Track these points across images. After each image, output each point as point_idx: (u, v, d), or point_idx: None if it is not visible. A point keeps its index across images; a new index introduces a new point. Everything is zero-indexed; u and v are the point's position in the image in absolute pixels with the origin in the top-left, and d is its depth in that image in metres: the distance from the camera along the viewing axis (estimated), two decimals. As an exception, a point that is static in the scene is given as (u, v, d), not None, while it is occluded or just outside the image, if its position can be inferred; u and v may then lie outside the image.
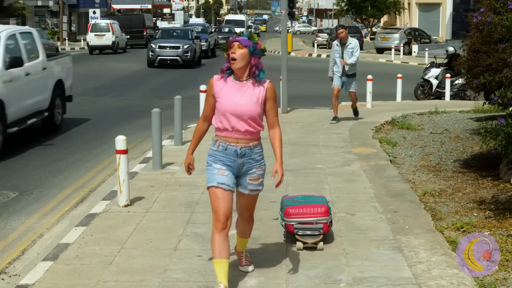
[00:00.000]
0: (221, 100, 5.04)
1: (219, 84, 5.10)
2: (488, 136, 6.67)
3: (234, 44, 5.02)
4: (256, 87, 5.06)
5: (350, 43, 13.38)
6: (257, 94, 5.04)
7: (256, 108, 5.03)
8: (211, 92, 5.11)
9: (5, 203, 8.38)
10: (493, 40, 9.21)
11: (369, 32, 59.21)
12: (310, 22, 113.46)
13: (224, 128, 5.05)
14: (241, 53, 5.00)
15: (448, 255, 5.98)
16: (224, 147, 5.07)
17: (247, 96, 5.03)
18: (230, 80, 5.09)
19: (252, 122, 5.04)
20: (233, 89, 5.05)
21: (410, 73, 24.49)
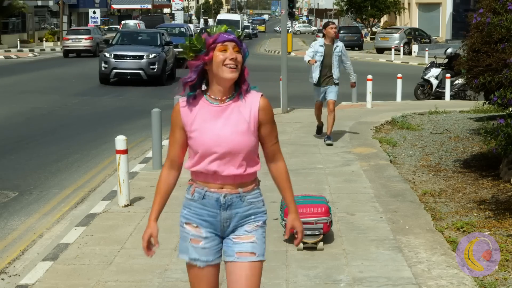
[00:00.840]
0: (196, 135, 3.42)
1: (189, 110, 3.44)
2: (488, 136, 6.67)
3: (227, 45, 3.37)
4: (243, 107, 3.42)
5: (337, 46, 11.15)
6: (247, 118, 3.41)
7: (248, 139, 3.42)
8: (179, 124, 3.47)
9: (5, 203, 8.39)
10: (493, 40, 9.21)
11: (369, 32, 59.22)
12: (310, 22, 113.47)
13: (202, 172, 3.47)
14: (240, 59, 3.41)
15: (448, 255, 5.98)
16: (201, 194, 3.48)
17: (233, 123, 3.40)
18: (204, 102, 3.44)
19: (244, 160, 3.43)
20: (211, 115, 3.42)
21: (410, 73, 24.49)
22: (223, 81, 3.37)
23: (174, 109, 3.48)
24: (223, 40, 3.35)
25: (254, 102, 3.43)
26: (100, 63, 22.84)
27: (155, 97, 19.33)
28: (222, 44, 3.35)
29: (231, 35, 3.38)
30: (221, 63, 3.33)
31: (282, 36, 16.67)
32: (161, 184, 3.60)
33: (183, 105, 3.45)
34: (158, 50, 23.38)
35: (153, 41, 24.69)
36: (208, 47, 3.36)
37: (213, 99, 3.42)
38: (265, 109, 3.45)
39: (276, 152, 3.59)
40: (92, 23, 51.53)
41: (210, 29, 3.41)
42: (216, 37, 3.36)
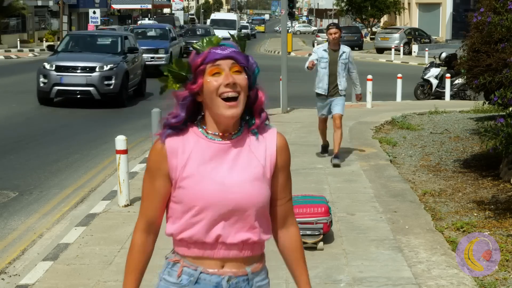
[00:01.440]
0: (189, 183, 2.39)
1: (179, 148, 2.42)
2: (488, 136, 6.67)
3: (221, 65, 2.36)
4: (255, 144, 2.46)
5: (344, 51, 9.71)
6: (261, 160, 2.45)
7: (264, 189, 2.45)
8: (163, 169, 2.42)
9: (5, 203, 8.38)
10: (493, 40, 9.21)
11: (369, 32, 59.21)
12: (310, 22, 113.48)
13: (196, 241, 2.43)
14: (244, 83, 2.39)
15: (448, 255, 5.98)
16: (194, 276, 2.45)
17: (243, 166, 2.42)
18: (199, 136, 2.43)
19: (257, 221, 2.46)
20: (211, 154, 2.42)
21: (410, 73, 24.49)
22: (222, 119, 2.36)
23: (154, 148, 2.41)
24: (213, 58, 2.32)
25: (270, 139, 2.46)
26: (38, 77, 16.69)
27: (155, 98, 19.34)
28: (213, 64, 2.32)
29: (226, 49, 2.35)
30: (214, 92, 2.32)
31: (282, 36, 16.68)
32: (135, 255, 2.51)
33: (169, 141, 2.38)
34: (116, 60, 17.27)
35: (112, 47, 18.33)
36: (195, 71, 2.35)
37: (212, 135, 2.41)
38: (284, 151, 2.49)
39: (289, 213, 2.60)
40: (92, 23, 51.53)
41: (200, 42, 2.39)
42: (204, 55, 2.33)
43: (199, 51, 2.39)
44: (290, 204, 2.60)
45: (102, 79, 16.60)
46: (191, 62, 2.38)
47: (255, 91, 2.44)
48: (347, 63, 9.72)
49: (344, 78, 9.71)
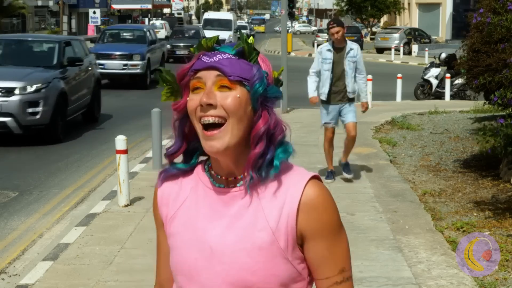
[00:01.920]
0: (174, 244, 1.81)
1: (172, 194, 1.84)
2: (486, 138, 6.67)
3: (202, 78, 1.70)
4: (269, 198, 1.71)
5: (351, 49, 8.48)
6: (272, 222, 1.69)
7: (270, 265, 1.68)
8: (158, 219, 1.91)
9: (5, 203, 8.39)
10: (493, 40, 9.22)
11: (369, 32, 59.22)
12: (310, 22, 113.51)
13: None
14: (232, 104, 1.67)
15: (448, 255, 5.98)
16: None
17: (244, 227, 1.71)
18: (201, 181, 1.80)
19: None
20: (207, 206, 1.77)
21: (410, 73, 24.50)
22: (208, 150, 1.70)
23: (154, 194, 1.87)
24: (195, 68, 1.70)
25: (293, 192, 1.69)
26: None
27: (155, 97, 19.34)
28: (194, 76, 1.70)
29: (216, 55, 1.69)
30: (193, 115, 1.69)
31: (282, 36, 16.69)
32: None
33: (163, 184, 1.84)
34: (47, 77, 12.26)
35: (44, 58, 13.27)
36: (180, 83, 1.75)
37: (215, 176, 1.77)
38: (315, 210, 1.69)
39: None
40: (92, 23, 51.59)
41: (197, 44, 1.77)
42: (191, 63, 1.74)
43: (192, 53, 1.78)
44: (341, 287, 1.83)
45: (23, 105, 11.55)
46: (176, 71, 1.76)
47: (257, 115, 1.68)
48: (356, 61, 8.47)
49: (353, 79, 8.46)
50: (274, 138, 1.71)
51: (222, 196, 1.74)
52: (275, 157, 1.71)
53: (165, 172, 1.84)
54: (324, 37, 51.92)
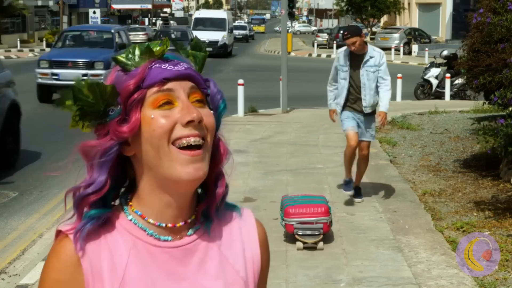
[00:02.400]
0: None
1: (108, 262, 1.32)
2: (486, 138, 6.67)
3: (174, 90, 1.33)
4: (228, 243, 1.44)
5: (371, 56, 7.36)
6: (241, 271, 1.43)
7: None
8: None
9: (5, 203, 8.39)
10: (493, 40, 9.22)
11: (369, 32, 59.21)
12: (310, 22, 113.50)
13: None
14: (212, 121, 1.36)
15: (448, 255, 5.98)
16: None
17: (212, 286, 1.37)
18: (135, 235, 1.35)
19: None
20: (159, 274, 1.34)
21: (410, 73, 24.50)
22: (176, 187, 1.34)
23: (57, 260, 1.33)
24: (161, 77, 1.33)
25: (248, 230, 1.48)
26: None
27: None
28: (160, 88, 1.33)
29: (179, 63, 1.37)
30: (163, 138, 1.31)
31: (282, 36, 16.69)
32: None
33: (87, 249, 1.32)
34: None
35: None
36: (126, 101, 1.33)
37: (156, 226, 1.37)
38: (267, 247, 1.54)
39: None
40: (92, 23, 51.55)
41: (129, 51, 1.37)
42: (142, 72, 1.34)
43: (128, 67, 1.36)
44: None
45: None
46: (119, 86, 1.34)
47: (216, 140, 1.40)
48: (377, 71, 7.34)
49: (372, 91, 7.38)
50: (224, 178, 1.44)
51: (174, 252, 1.36)
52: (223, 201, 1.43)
53: (82, 230, 1.31)
54: (324, 37, 52.00)
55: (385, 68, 7.41)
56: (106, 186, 1.33)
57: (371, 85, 7.36)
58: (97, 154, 1.34)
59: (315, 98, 19.89)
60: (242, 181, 8.62)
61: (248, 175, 9.05)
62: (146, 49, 1.36)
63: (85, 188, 1.34)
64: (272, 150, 11.05)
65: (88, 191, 1.33)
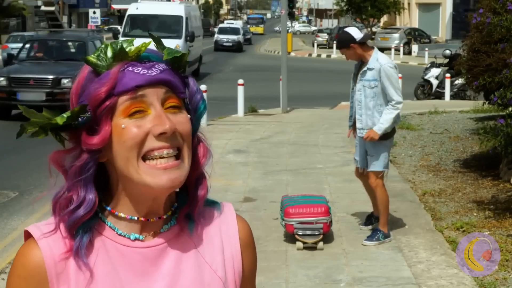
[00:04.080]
0: None
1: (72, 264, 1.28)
2: (487, 137, 6.68)
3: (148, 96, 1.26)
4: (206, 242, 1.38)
5: (369, 68, 6.18)
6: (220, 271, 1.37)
7: None
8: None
9: (5, 203, 8.39)
10: (493, 40, 9.22)
11: (369, 32, 59.25)
12: (310, 22, 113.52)
13: None
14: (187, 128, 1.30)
15: (448, 255, 5.99)
16: None
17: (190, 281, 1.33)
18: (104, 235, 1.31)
19: None
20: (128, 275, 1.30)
21: (410, 73, 24.50)
22: (149, 192, 1.29)
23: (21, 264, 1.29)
24: (133, 84, 1.26)
25: (228, 227, 1.41)
26: None
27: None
28: (132, 96, 1.26)
29: (154, 65, 1.29)
30: (134, 149, 1.26)
31: (282, 36, 16.70)
32: None
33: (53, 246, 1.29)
34: None
35: None
36: (96, 109, 1.27)
37: (127, 220, 1.33)
38: (252, 246, 1.45)
39: None
40: (92, 23, 51.55)
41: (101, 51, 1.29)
42: (113, 77, 1.26)
43: (99, 69, 1.28)
44: None
45: None
46: (89, 91, 1.27)
47: (195, 141, 1.35)
48: (376, 87, 6.20)
49: (369, 111, 6.28)
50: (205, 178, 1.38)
51: (146, 252, 1.31)
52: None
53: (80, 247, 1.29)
54: (324, 37, 52.01)
55: (389, 83, 6.13)
56: (96, 203, 1.29)
57: (368, 103, 6.23)
58: (76, 171, 1.31)
59: (315, 98, 19.90)
60: (242, 181, 8.62)
61: (248, 175, 9.05)
62: (119, 51, 1.28)
63: (76, 209, 1.28)
64: (272, 150, 11.06)
65: (81, 213, 1.28)
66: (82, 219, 1.28)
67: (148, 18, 24.16)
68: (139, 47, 1.28)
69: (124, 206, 1.31)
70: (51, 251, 1.27)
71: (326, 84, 24.43)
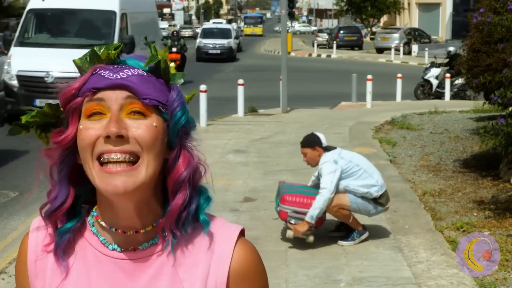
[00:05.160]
0: None
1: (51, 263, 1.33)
2: (487, 136, 6.68)
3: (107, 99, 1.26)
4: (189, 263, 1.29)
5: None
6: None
7: None
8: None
9: (5, 203, 8.39)
10: (493, 40, 9.22)
11: (369, 32, 59.25)
12: (310, 22, 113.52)
13: None
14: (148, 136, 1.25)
15: (448, 255, 5.98)
16: None
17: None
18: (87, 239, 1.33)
19: None
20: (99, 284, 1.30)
21: (410, 73, 24.51)
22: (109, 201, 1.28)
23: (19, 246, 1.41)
24: (93, 86, 1.28)
25: (219, 256, 1.30)
26: None
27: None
28: (92, 97, 1.28)
29: (124, 69, 1.29)
30: (87, 151, 1.27)
31: (282, 36, 16.70)
32: None
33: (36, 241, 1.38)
34: None
35: None
36: (65, 106, 1.31)
37: (107, 230, 1.32)
38: (248, 278, 1.35)
39: None
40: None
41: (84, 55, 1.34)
42: (83, 78, 1.30)
43: (81, 70, 1.33)
44: None
45: None
46: (60, 91, 1.31)
47: (175, 153, 1.29)
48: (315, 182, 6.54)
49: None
50: (194, 183, 1.30)
51: (122, 264, 1.29)
52: (199, 208, 1.30)
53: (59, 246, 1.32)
54: (324, 37, 52.03)
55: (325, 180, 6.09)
56: (68, 200, 1.32)
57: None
58: (53, 168, 1.37)
59: (315, 98, 19.90)
60: (242, 181, 8.62)
61: (248, 175, 9.05)
62: (92, 53, 1.31)
63: (48, 204, 1.36)
64: (272, 150, 11.06)
65: (53, 208, 1.34)
66: (55, 214, 1.33)
67: (61, 16, 15.29)
68: (109, 51, 1.30)
69: (104, 214, 1.31)
70: (36, 245, 1.34)
71: (326, 84, 24.43)
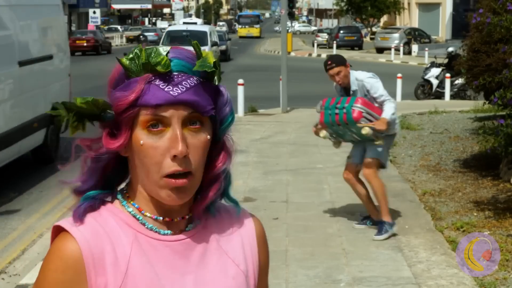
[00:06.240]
0: None
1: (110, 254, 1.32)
2: (486, 137, 6.68)
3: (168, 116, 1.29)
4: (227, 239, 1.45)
5: (353, 89, 6.62)
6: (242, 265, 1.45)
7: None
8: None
9: (5, 203, 8.39)
10: (492, 40, 9.23)
11: (369, 32, 59.25)
12: (310, 22, 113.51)
13: None
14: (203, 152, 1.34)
15: (448, 255, 5.99)
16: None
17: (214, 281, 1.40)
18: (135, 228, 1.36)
19: None
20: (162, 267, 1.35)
21: (410, 73, 24.50)
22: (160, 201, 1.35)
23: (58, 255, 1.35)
24: (153, 103, 1.29)
25: (245, 226, 1.48)
26: None
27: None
28: (152, 113, 1.29)
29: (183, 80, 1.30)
30: (153, 167, 1.31)
31: (282, 36, 16.71)
32: None
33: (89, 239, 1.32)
34: None
35: None
36: (119, 112, 1.32)
37: (153, 219, 1.37)
38: (266, 243, 1.54)
39: None
40: (92, 23, 51.57)
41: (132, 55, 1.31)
42: (139, 89, 1.29)
43: (129, 73, 1.31)
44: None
45: None
46: (115, 96, 1.32)
47: (218, 148, 1.40)
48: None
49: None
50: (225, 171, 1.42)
51: (175, 246, 1.37)
52: (225, 192, 1.44)
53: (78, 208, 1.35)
54: (324, 37, 52.04)
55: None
56: (97, 186, 1.38)
57: None
58: (89, 159, 1.38)
59: (315, 98, 19.87)
60: (242, 181, 8.63)
61: (248, 175, 9.05)
62: (146, 63, 1.30)
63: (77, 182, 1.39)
64: (272, 150, 11.06)
65: (80, 189, 1.38)
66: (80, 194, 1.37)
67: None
68: (168, 65, 1.30)
69: (147, 206, 1.37)
70: (87, 243, 1.31)
71: (326, 84, 24.34)
